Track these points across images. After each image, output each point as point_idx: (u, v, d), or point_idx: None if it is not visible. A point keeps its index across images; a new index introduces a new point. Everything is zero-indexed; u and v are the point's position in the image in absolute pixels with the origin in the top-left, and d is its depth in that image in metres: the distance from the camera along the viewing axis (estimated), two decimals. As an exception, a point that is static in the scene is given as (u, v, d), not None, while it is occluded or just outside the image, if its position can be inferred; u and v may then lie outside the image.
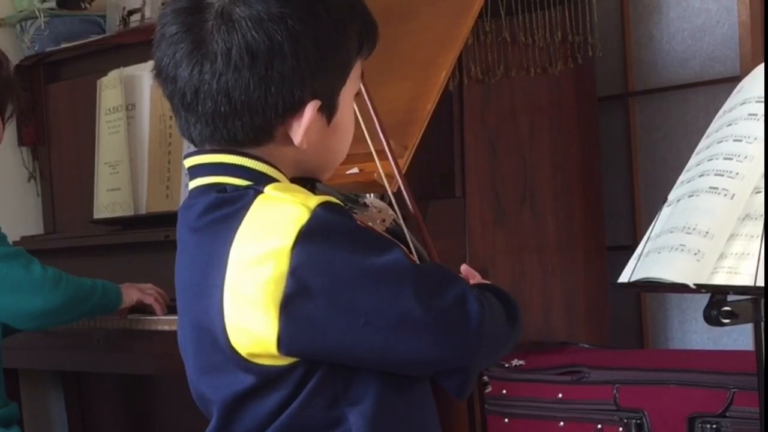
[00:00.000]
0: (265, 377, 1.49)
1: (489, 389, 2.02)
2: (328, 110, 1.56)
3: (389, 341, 1.44)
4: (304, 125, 1.53)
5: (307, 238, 1.43)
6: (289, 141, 1.54)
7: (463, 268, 1.91)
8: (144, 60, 3.51)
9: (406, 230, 1.73)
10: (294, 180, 1.58)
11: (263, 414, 1.50)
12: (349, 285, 1.43)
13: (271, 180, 1.54)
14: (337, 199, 1.68)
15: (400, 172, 1.75)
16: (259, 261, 1.44)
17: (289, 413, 1.48)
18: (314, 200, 1.47)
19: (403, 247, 1.62)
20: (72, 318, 3.03)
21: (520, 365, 3.18)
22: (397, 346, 1.44)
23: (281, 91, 1.50)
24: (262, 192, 1.49)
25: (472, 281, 1.90)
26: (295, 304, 1.43)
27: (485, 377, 1.98)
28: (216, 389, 1.55)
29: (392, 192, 1.79)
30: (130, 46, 3.72)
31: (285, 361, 1.47)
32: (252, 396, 1.51)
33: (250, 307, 1.45)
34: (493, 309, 1.55)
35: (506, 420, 3.13)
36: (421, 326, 1.43)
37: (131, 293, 3.17)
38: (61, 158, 4.16)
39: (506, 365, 3.16)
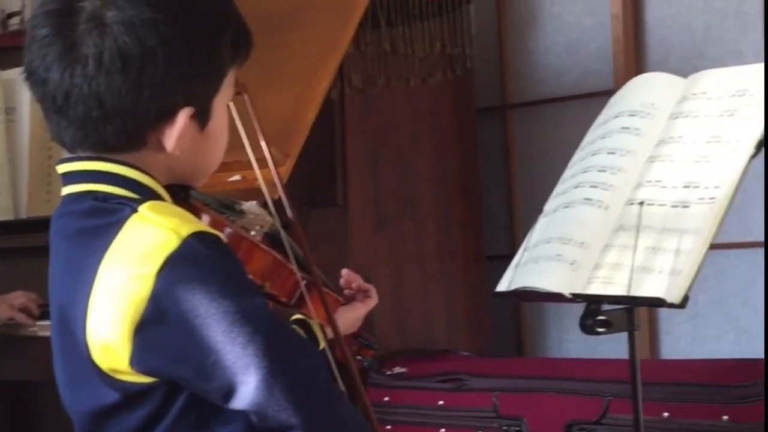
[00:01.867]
0: (128, 394, 1.46)
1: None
2: (201, 117, 1.54)
3: (233, 384, 1.41)
4: (176, 132, 1.51)
5: (172, 266, 1.41)
6: (161, 148, 1.52)
7: (345, 272, 1.91)
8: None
9: (284, 238, 1.72)
10: (167, 187, 1.57)
11: (128, 431, 1.48)
12: (205, 321, 1.40)
13: (147, 190, 1.52)
14: (212, 205, 1.66)
15: (280, 180, 1.74)
16: (124, 283, 1.42)
17: None
18: (187, 228, 1.44)
19: (275, 255, 1.60)
20: None
21: (402, 373, 3.20)
22: (240, 390, 1.41)
23: (153, 97, 1.47)
24: (137, 211, 1.47)
25: (353, 284, 1.91)
26: (150, 329, 1.41)
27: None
28: (80, 402, 1.52)
29: (273, 200, 1.77)
30: (10, 49, 3.64)
31: (146, 379, 1.45)
32: (115, 412, 1.48)
33: (109, 326, 1.43)
34: (352, 409, 1.53)
35: (389, 427, 3.14)
36: (264, 378, 1.40)
37: (3, 311, 3.12)
38: (-64, 163, 4.06)
39: (388, 373, 3.18)
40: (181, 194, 1.59)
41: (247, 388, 1.41)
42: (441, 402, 3.05)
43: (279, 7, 3.18)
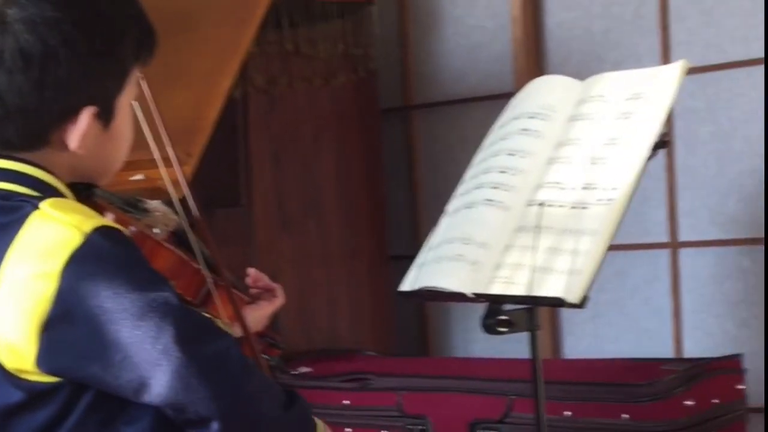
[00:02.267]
0: (33, 393, 1.44)
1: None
2: (105, 116, 1.54)
3: (145, 379, 1.40)
4: (79, 131, 1.50)
5: (76, 263, 1.40)
6: (65, 146, 1.51)
7: (251, 271, 1.90)
8: None
9: (191, 236, 1.71)
10: (72, 185, 1.55)
11: (32, 430, 1.46)
12: (112, 317, 1.39)
13: (49, 188, 1.50)
14: (116, 204, 1.65)
15: (184, 179, 1.73)
16: (28, 281, 1.40)
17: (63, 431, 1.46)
18: (90, 224, 1.43)
19: (178, 253, 1.59)
20: None
21: (307, 372, 3.19)
22: (153, 384, 1.41)
23: (56, 96, 1.47)
24: (38, 208, 1.45)
25: (260, 283, 1.91)
26: (55, 329, 1.40)
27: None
28: None
29: (178, 199, 1.77)
30: None
31: (52, 378, 1.43)
32: (20, 411, 1.46)
33: (13, 325, 1.41)
34: (263, 379, 1.54)
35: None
36: (177, 369, 1.40)
37: None
38: None
39: (293, 373, 3.17)
40: (85, 192, 1.58)
41: (160, 383, 1.40)
42: (346, 401, 3.06)
43: (181, 6, 3.16)
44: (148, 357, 1.40)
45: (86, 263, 1.40)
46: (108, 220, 1.51)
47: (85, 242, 1.41)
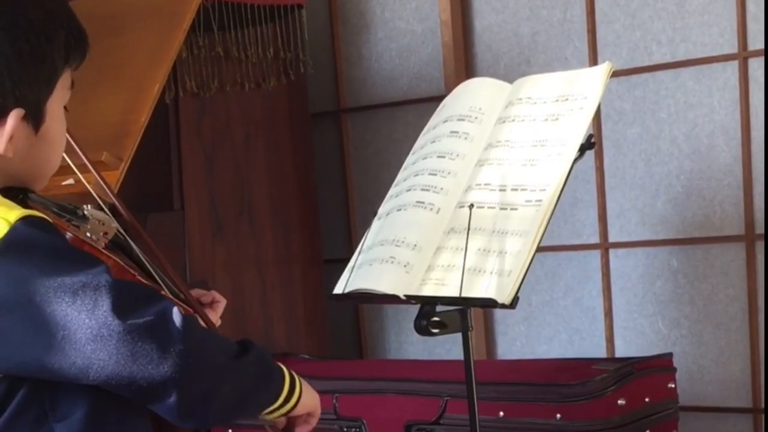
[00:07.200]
0: None
1: None
2: (35, 119, 1.53)
3: (88, 355, 1.40)
4: (7, 134, 1.49)
5: (4, 253, 1.40)
6: None
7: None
8: None
9: (131, 242, 1.70)
10: (6, 190, 1.54)
11: None
12: (45, 299, 1.39)
13: None
14: (53, 209, 1.64)
15: (107, 184, 1.73)
16: None
17: None
18: (15, 214, 1.43)
19: (117, 260, 1.59)
20: None
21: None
22: (97, 360, 1.40)
23: None
24: None
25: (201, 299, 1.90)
26: None
27: None
28: None
29: (107, 204, 1.76)
30: None
31: None
32: None
33: None
34: (208, 332, 1.53)
35: (230, 430, 3.13)
36: (118, 339, 1.40)
37: None
38: None
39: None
40: (19, 197, 1.57)
41: (106, 356, 1.40)
42: (281, 404, 3.05)
43: (109, 10, 3.14)
44: (87, 334, 1.39)
45: (13, 251, 1.41)
46: (32, 210, 1.50)
47: (10, 231, 1.41)
